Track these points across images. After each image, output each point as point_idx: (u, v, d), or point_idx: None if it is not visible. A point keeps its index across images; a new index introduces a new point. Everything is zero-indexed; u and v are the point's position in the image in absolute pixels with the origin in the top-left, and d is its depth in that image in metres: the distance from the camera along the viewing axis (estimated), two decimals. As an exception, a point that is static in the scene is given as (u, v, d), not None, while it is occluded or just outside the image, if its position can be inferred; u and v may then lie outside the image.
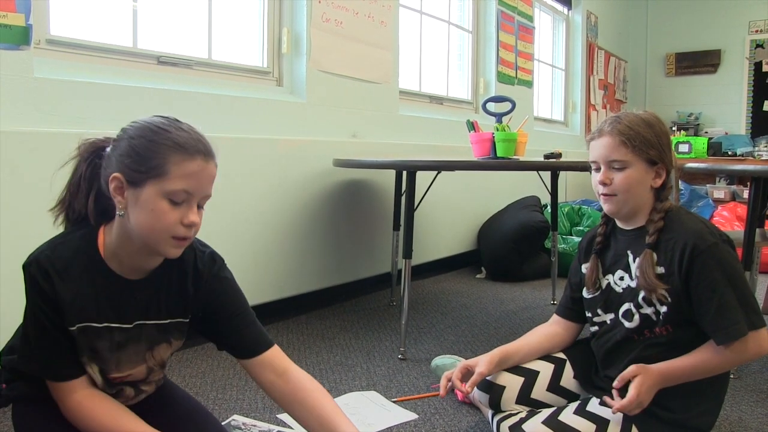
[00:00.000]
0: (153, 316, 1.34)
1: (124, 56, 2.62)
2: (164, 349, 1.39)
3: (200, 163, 1.21)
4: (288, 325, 3.00)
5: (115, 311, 1.29)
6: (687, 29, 8.11)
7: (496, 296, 3.76)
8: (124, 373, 1.34)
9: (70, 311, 1.24)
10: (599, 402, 1.62)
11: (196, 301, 1.37)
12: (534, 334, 1.85)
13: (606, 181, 1.60)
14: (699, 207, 5.41)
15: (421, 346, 2.74)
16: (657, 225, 1.58)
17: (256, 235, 2.88)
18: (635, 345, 1.63)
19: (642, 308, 1.60)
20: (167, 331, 1.37)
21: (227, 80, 3.02)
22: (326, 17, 3.35)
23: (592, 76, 7.13)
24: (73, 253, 1.25)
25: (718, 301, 1.49)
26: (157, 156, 1.19)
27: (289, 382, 1.40)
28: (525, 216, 4.39)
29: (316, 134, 3.30)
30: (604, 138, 1.60)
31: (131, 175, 1.19)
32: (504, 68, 5.20)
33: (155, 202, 1.19)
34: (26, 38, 2.14)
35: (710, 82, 8.03)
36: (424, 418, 2.00)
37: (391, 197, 3.45)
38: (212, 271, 1.39)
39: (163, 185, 1.18)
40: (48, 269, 1.22)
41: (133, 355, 1.33)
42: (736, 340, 1.49)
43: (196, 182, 1.21)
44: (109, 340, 1.29)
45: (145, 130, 1.22)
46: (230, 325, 1.40)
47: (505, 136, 2.67)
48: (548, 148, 3.15)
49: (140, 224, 1.21)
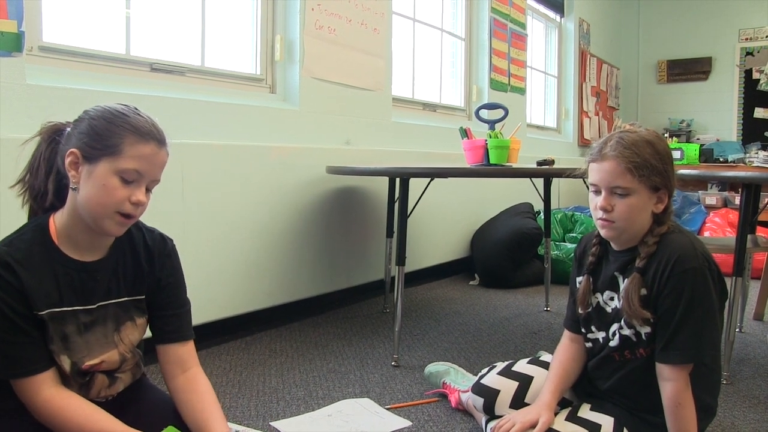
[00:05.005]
0: (114, 296, 1.40)
1: (116, 63, 2.62)
2: (131, 329, 1.43)
3: (153, 147, 1.32)
4: (281, 333, 3.00)
5: (77, 295, 1.34)
6: (678, 37, 8.16)
7: (490, 303, 3.76)
8: (97, 359, 1.37)
9: (37, 296, 1.28)
10: (590, 408, 1.62)
11: (150, 278, 1.45)
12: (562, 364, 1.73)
13: (607, 208, 1.52)
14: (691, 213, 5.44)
15: (415, 353, 2.73)
16: (649, 249, 1.53)
17: (249, 242, 2.87)
18: (616, 364, 1.62)
19: (623, 329, 1.58)
20: (128, 309, 1.43)
21: (220, 87, 3.03)
22: (319, 24, 3.35)
23: (585, 83, 7.16)
24: (29, 245, 1.30)
25: (677, 323, 1.47)
26: (114, 136, 1.29)
27: (188, 380, 1.46)
28: (518, 223, 4.40)
29: (309, 141, 3.30)
30: (608, 162, 1.51)
31: (87, 151, 1.29)
32: (497, 75, 5.22)
33: (107, 177, 1.28)
34: (18, 45, 2.13)
35: (701, 89, 8.07)
36: (417, 425, 2.00)
37: (385, 204, 3.45)
38: (164, 250, 1.48)
39: (117, 163, 1.28)
40: (7, 260, 1.26)
41: (102, 337, 1.38)
42: (676, 365, 1.47)
43: (147, 164, 1.32)
44: (75, 324, 1.33)
45: (105, 112, 1.32)
46: (169, 304, 1.48)
47: (498, 143, 2.68)
48: (541, 155, 3.16)
49: (89, 198, 1.29)
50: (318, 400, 2.20)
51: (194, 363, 1.49)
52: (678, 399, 1.47)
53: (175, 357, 1.46)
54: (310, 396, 2.23)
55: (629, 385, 1.60)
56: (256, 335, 2.94)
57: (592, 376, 1.70)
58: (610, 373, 1.63)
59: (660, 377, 1.51)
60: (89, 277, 1.36)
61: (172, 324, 1.48)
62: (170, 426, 1.38)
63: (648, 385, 1.55)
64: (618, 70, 8.31)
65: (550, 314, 3.50)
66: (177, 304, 1.50)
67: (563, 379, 1.70)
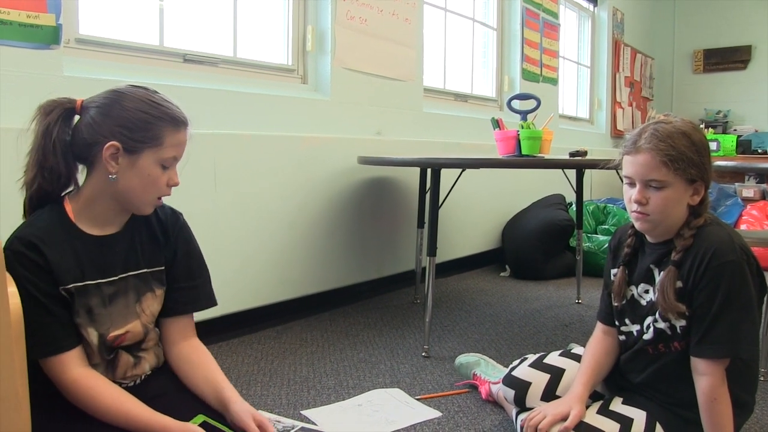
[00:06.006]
0: (133, 267, 1.44)
1: (150, 54, 2.65)
2: (151, 300, 1.47)
3: (185, 132, 1.39)
4: (311, 323, 3.02)
5: (97, 268, 1.38)
6: (716, 25, 7.98)
7: (520, 295, 3.74)
8: (122, 329, 1.40)
9: (62, 272, 1.31)
10: (622, 401, 1.61)
11: (167, 250, 1.50)
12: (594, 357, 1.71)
13: (642, 201, 1.49)
14: (727, 206, 5.33)
15: (445, 344, 2.73)
16: (685, 243, 1.50)
17: (281, 232, 2.89)
18: (650, 357, 1.60)
19: (657, 323, 1.56)
20: (147, 281, 1.46)
21: (252, 78, 3.04)
22: (350, 15, 3.35)
23: (618, 73, 7.06)
24: (47, 223, 1.34)
25: (713, 316, 1.44)
26: (154, 128, 1.33)
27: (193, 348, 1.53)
28: (550, 214, 4.36)
29: (341, 132, 3.31)
30: (643, 155, 1.47)
31: (129, 143, 1.32)
32: (529, 65, 5.17)
33: (151, 168, 1.35)
34: (56, 38, 2.18)
35: (739, 78, 7.90)
36: (447, 416, 2.00)
37: (416, 195, 3.45)
38: (177, 223, 1.53)
39: (159, 153, 1.34)
40: (32, 240, 1.30)
41: (124, 308, 1.41)
42: (711, 359, 1.45)
43: (181, 150, 1.40)
44: (99, 296, 1.37)
45: (138, 102, 1.35)
46: (186, 276, 1.52)
47: (530, 133, 2.66)
48: (573, 146, 3.12)
49: (133, 187, 1.35)
50: (348, 389, 2.21)
51: (194, 333, 1.56)
52: (713, 394, 1.45)
53: (181, 326, 1.52)
54: (340, 385, 2.24)
55: (663, 379, 1.58)
56: (287, 325, 2.96)
57: (625, 370, 1.69)
58: (644, 367, 1.61)
59: (695, 372, 1.49)
60: (108, 250, 1.40)
61: (188, 296, 1.53)
62: (200, 414, 1.40)
63: (682, 379, 1.52)
64: (652, 59, 8.18)
65: (581, 306, 3.47)
66: (194, 275, 1.54)
67: (595, 371, 1.68)
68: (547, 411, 1.59)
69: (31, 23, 2.11)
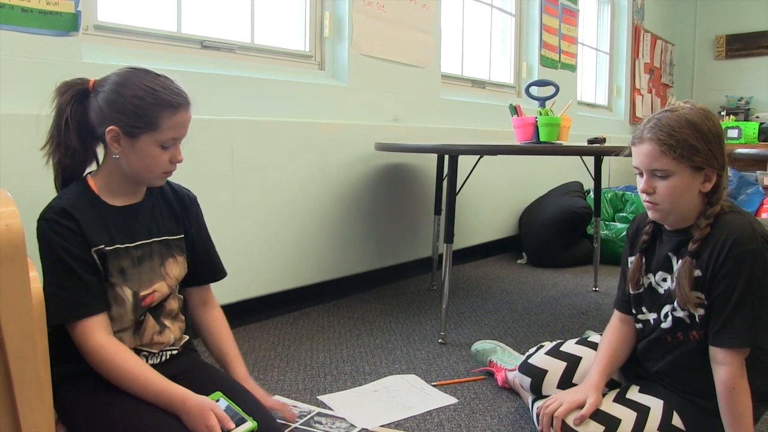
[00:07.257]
0: (155, 234, 1.54)
1: (168, 41, 2.65)
2: (173, 264, 1.57)
3: (183, 113, 1.45)
4: (329, 309, 3.03)
5: (126, 234, 1.48)
6: (739, 10, 7.85)
7: (537, 282, 3.73)
8: (150, 289, 1.50)
9: (94, 234, 1.41)
10: (639, 390, 1.60)
11: (185, 219, 1.62)
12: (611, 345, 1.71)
13: (649, 190, 1.50)
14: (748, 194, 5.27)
15: (462, 331, 2.74)
16: (702, 232, 1.48)
17: (298, 218, 2.90)
18: (668, 346, 1.59)
19: (676, 311, 1.55)
20: (170, 247, 1.57)
21: (270, 64, 3.04)
22: (368, 1, 3.34)
23: (638, 59, 6.99)
24: (76, 196, 1.44)
25: (733, 305, 1.42)
26: (149, 113, 1.40)
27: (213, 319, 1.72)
28: (567, 201, 4.34)
29: (358, 118, 3.31)
30: (645, 145, 1.48)
31: (127, 128, 1.40)
32: (547, 52, 5.13)
33: (150, 149, 1.42)
34: (75, 25, 2.19)
35: (762, 64, 7.77)
36: (463, 403, 2.01)
37: (433, 181, 3.44)
38: (190, 196, 1.67)
39: (156, 136, 1.41)
40: (63, 206, 1.39)
41: (150, 270, 1.51)
42: (731, 348, 1.43)
43: (181, 130, 1.46)
44: (129, 258, 1.47)
45: (135, 88, 1.41)
46: (201, 250, 1.67)
47: (548, 120, 2.64)
48: (592, 133, 3.10)
49: (135, 167, 1.45)
50: (365, 375, 2.22)
51: (214, 303, 1.73)
52: (732, 384, 1.44)
53: (203, 295, 1.71)
54: (356, 371, 2.25)
55: (681, 368, 1.57)
56: (304, 310, 2.98)
57: (642, 358, 1.68)
58: (661, 356, 1.61)
59: (713, 361, 1.47)
60: (132, 218, 1.50)
61: (207, 268, 1.69)
62: (218, 392, 1.43)
63: (701, 368, 1.51)
64: (673, 46, 8.07)
65: (598, 294, 3.46)
66: (209, 252, 1.70)
67: (612, 360, 1.68)
68: (563, 399, 1.59)
69: (50, 10, 2.12)
